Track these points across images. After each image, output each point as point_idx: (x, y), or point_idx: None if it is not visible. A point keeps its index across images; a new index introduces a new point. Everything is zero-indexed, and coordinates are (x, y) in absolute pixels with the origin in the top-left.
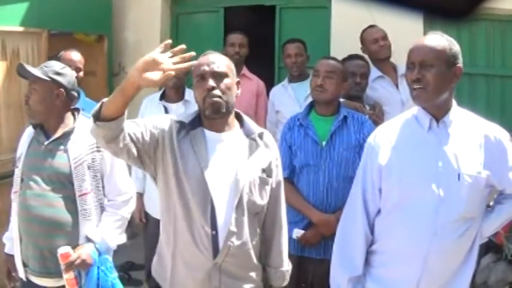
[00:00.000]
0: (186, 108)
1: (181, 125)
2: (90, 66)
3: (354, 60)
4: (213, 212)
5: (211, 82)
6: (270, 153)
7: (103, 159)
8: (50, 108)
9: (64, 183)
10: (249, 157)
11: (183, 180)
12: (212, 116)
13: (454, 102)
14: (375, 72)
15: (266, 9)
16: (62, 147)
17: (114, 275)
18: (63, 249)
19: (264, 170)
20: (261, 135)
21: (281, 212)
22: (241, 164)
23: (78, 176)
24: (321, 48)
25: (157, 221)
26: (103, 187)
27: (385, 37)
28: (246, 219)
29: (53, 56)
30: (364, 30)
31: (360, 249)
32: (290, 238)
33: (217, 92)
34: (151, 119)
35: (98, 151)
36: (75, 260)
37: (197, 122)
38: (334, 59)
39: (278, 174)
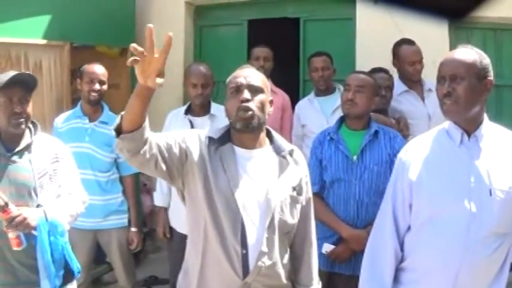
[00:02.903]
0: (212, 122)
1: (210, 141)
2: (113, 80)
3: (378, 73)
4: (243, 231)
5: (247, 94)
6: (300, 171)
7: (61, 170)
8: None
9: (28, 194)
10: (280, 175)
11: (214, 198)
12: (243, 130)
13: (485, 116)
14: (401, 86)
15: (290, 21)
16: (25, 158)
17: (65, 239)
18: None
19: (294, 188)
20: (291, 153)
21: (311, 229)
22: (272, 182)
23: (42, 186)
24: (346, 60)
25: (183, 236)
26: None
27: (421, 60)
28: (277, 238)
29: (76, 68)
30: (399, 45)
31: (389, 266)
32: (320, 254)
33: (251, 104)
34: (180, 132)
35: (58, 161)
36: (16, 217)
37: (227, 137)
38: (365, 73)
39: (308, 192)
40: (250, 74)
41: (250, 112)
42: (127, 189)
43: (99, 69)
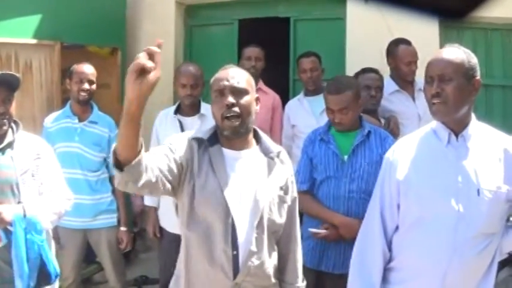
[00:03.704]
0: (202, 122)
1: (199, 142)
2: (103, 79)
3: (367, 73)
4: (234, 232)
5: (231, 98)
6: (286, 170)
7: (42, 167)
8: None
9: (10, 191)
10: (268, 176)
11: (204, 200)
12: (231, 137)
13: (473, 116)
14: (392, 86)
15: (280, 21)
16: (7, 155)
17: (42, 237)
18: None
19: (281, 188)
20: (278, 154)
21: (296, 228)
22: (261, 182)
23: (25, 182)
24: (336, 60)
25: (173, 236)
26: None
27: (417, 61)
28: (265, 238)
29: (66, 68)
30: (396, 44)
31: (377, 266)
32: (308, 251)
33: (236, 109)
34: (169, 143)
35: (39, 159)
36: None
37: (215, 138)
38: (341, 88)
39: (293, 191)
40: (233, 75)
41: (235, 122)
42: (116, 188)
43: (88, 69)
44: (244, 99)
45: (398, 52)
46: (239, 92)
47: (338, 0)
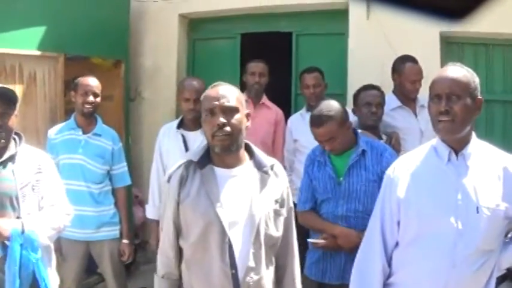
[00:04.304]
0: (204, 136)
1: (189, 165)
2: (107, 91)
3: (369, 90)
4: (231, 251)
5: (222, 118)
6: (281, 183)
7: (43, 181)
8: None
9: (10, 204)
10: (262, 190)
11: (195, 223)
12: (221, 153)
13: (473, 134)
14: (394, 101)
15: (283, 35)
16: (8, 168)
17: (37, 255)
18: None
19: (277, 201)
20: (271, 167)
21: (293, 240)
22: (255, 198)
23: (25, 196)
24: (338, 75)
25: None
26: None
27: (421, 79)
28: (263, 252)
29: (70, 80)
30: (403, 61)
31: (376, 281)
32: (311, 264)
33: (227, 128)
34: (166, 202)
35: (40, 172)
36: None
37: (206, 159)
38: (325, 118)
39: (289, 202)
40: (223, 94)
41: (227, 138)
42: (119, 201)
43: (93, 82)
44: (235, 118)
45: (405, 70)
46: (230, 111)
47: (340, 15)
